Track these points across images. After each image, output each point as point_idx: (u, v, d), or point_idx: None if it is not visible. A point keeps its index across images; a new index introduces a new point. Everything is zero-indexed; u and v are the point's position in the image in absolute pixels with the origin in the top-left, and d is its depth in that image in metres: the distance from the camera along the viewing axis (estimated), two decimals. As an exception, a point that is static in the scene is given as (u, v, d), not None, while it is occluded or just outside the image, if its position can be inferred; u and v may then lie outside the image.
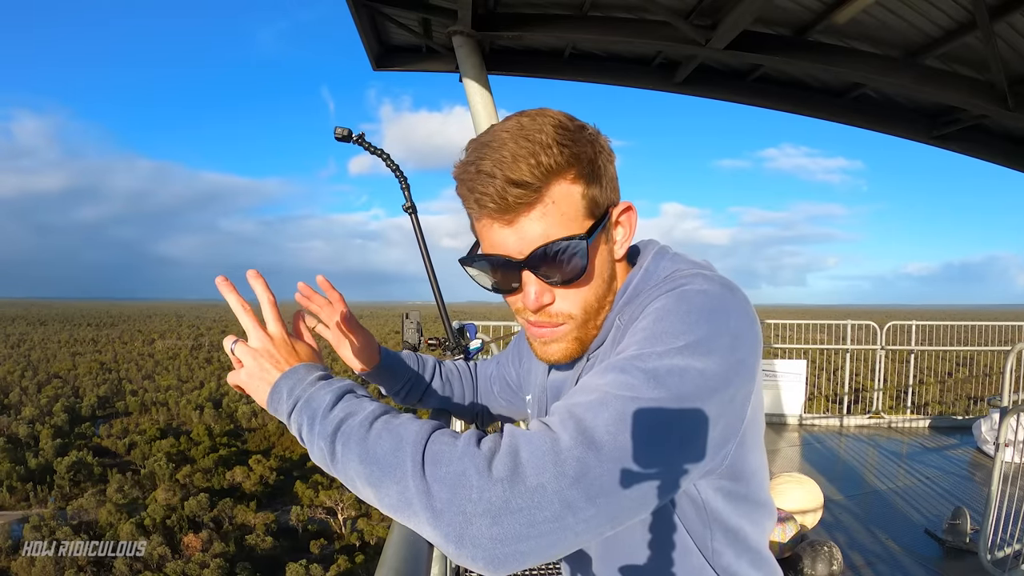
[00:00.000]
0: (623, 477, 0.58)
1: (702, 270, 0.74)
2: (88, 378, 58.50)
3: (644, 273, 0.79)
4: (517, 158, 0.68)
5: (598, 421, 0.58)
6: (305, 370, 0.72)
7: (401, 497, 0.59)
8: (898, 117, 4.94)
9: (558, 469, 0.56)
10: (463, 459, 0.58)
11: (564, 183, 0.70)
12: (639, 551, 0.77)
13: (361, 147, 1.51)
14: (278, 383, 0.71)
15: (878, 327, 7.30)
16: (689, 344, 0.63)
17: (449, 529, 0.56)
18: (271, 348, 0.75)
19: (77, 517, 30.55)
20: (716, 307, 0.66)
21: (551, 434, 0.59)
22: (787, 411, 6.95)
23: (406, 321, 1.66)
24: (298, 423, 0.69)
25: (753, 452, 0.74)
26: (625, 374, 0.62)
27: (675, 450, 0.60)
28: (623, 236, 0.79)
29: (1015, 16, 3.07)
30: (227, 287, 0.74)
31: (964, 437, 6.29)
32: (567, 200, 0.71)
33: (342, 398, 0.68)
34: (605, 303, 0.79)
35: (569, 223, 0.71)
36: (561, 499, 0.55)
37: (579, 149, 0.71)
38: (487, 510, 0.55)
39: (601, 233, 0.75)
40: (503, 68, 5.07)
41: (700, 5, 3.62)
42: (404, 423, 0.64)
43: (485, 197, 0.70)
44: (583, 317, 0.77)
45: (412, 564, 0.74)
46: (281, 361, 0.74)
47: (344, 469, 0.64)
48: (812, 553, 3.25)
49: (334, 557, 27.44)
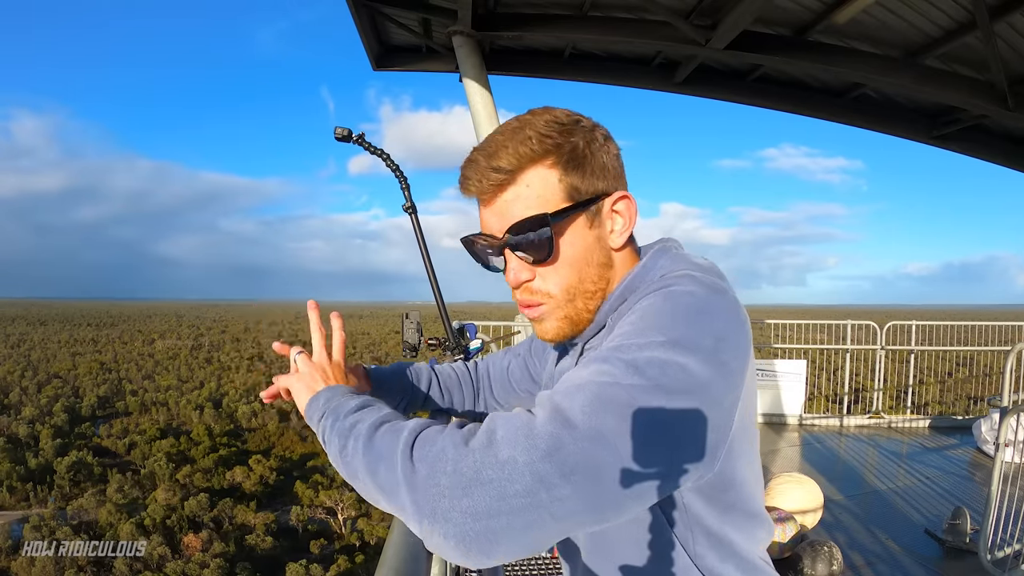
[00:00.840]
0: (599, 457, 0.56)
1: (694, 271, 0.74)
2: (88, 378, 58.49)
3: (640, 270, 0.79)
4: (499, 146, 0.75)
5: (574, 402, 0.60)
6: (345, 389, 0.83)
7: (389, 477, 0.62)
8: (898, 117, 4.94)
9: (530, 443, 0.57)
10: (444, 438, 0.61)
11: (541, 169, 0.75)
12: (627, 548, 0.78)
13: (361, 147, 1.51)
14: (320, 392, 0.82)
15: (878, 327, 7.30)
16: (671, 340, 0.63)
17: (424, 503, 0.58)
18: (327, 366, 0.90)
19: (77, 517, 30.55)
20: (701, 308, 0.67)
21: (527, 415, 0.61)
22: (787, 411, 6.95)
23: (406, 321, 1.66)
24: (323, 426, 0.76)
25: (741, 461, 0.73)
26: (606, 363, 0.63)
27: (655, 439, 0.59)
28: (622, 226, 0.80)
29: (1015, 16, 3.08)
30: (312, 308, 0.93)
31: (964, 437, 6.29)
32: (543, 184, 0.75)
33: (364, 406, 0.75)
34: (596, 288, 0.79)
35: (544, 205, 0.75)
36: (532, 471, 0.55)
37: (563, 139, 0.75)
38: (458, 481, 0.57)
39: (579, 216, 0.76)
40: (503, 68, 5.07)
41: (700, 5, 3.62)
42: (408, 421, 0.68)
43: (468, 180, 0.78)
44: (563, 297, 0.79)
45: (412, 564, 0.74)
46: (331, 377, 0.88)
47: (351, 462, 0.68)
48: (812, 553, 3.25)
49: (334, 557, 27.44)
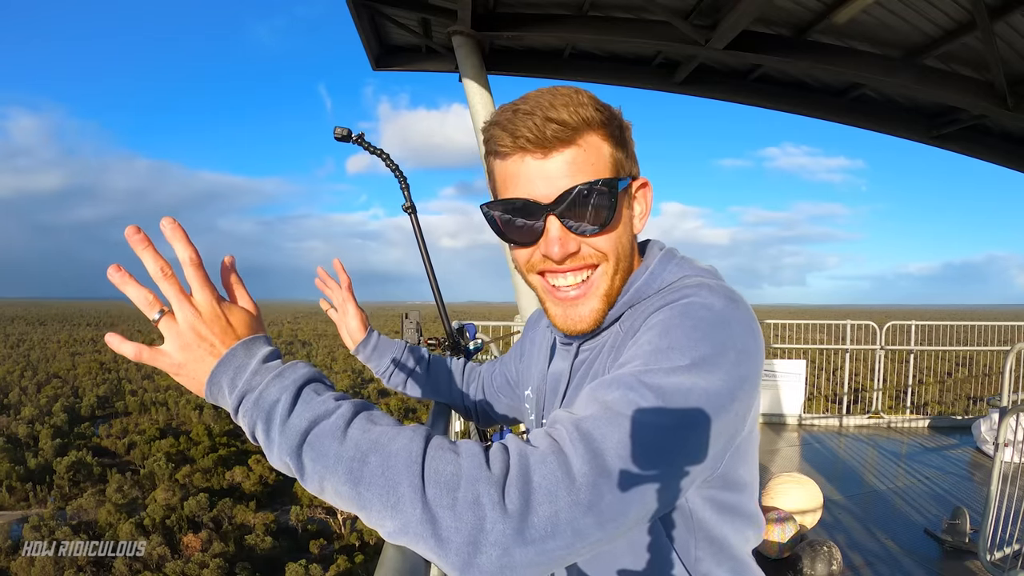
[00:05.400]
0: (632, 501, 0.58)
1: (707, 279, 0.74)
2: (87, 378, 58.43)
3: (649, 275, 0.78)
4: (557, 103, 0.71)
5: (607, 444, 0.58)
6: (244, 351, 0.62)
7: (397, 523, 0.55)
8: (898, 117, 4.94)
9: (572, 498, 0.55)
10: (474, 484, 0.54)
11: (596, 137, 0.73)
12: (620, 555, 0.77)
13: (361, 147, 1.50)
14: (215, 372, 0.61)
15: (877, 327, 7.30)
16: (695, 362, 0.62)
17: (456, 558, 0.54)
18: (200, 326, 0.62)
19: (76, 517, 30.52)
20: (721, 322, 0.66)
21: (562, 456, 0.57)
22: (787, 411, 6.95)
23: (405, 321, 1.66)
24: (250, 424, 0.60)
25: (745, 463, 0.75)
26: (632, 391, 0.61)
27: (679, 471, 0.61)
28: (640, 211, 0.81)
29: (1015, 16, 3.08)
30: (140, 241, 0.59)
31: (963, 437, 6.29)
32: (597, 152, 0.73)
33: (299, 396, 0.60)
34: (630, 266, 0.79)
35: (598, 172, 0.73)
36: (574, 528, 0.55)
37: (611, 115, 0.75)
38: (498, 541, 0.53)
39: (625, 194, 0.76)
40: (503, 68, 5.07)
41: (700, 5, 3.62)
42: (387, 432, 0.58)
43: (523, 128, 0.70)
44: (615, 261, 0.77)
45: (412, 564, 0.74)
46: (216, 343, 0.62)
47: (318, 484, 0.57)
48: (812, 553, 3.25)
49: (333, 557, 27.40)
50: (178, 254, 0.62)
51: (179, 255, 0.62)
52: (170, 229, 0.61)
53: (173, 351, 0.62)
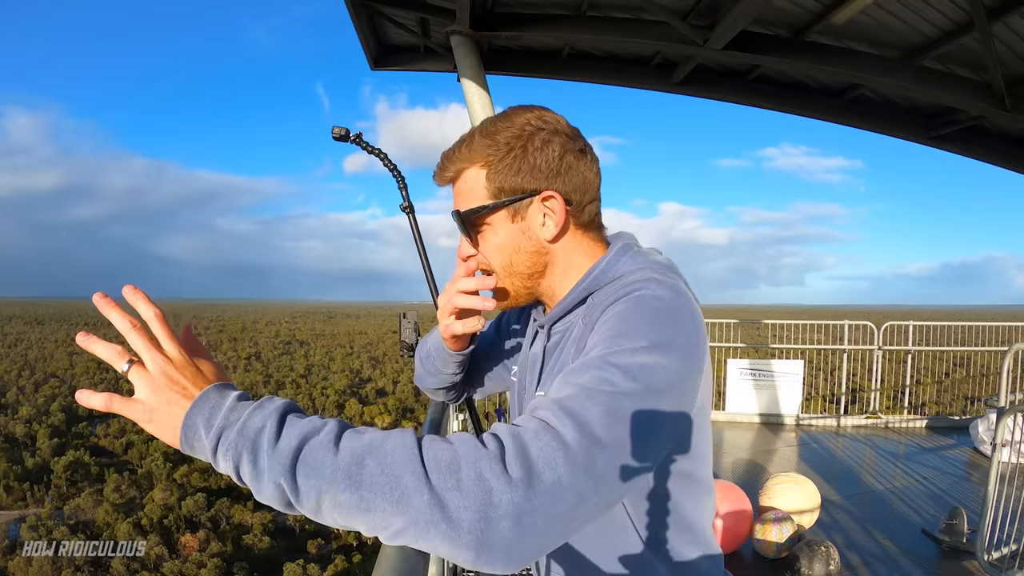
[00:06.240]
0: (620, 465, 0.64)
1: (656, 273, 0.82)
2: (85, 377, 58.28)
3: (603, 267, 0.87)
4: (452, 151, 0.88)
5: (591, 416, 0.63)
6: (217, 393, 0.63)
7: (405, 518, 0.56)
8: (896, 117, 4.95)
9: (570, 463, 0.60)
10: (476, 462, 0.57)
11: (474, 168, 0.86)
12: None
13: (359, 147, 1.50)
14: (190, 414, 0.61)
15: (875, 327, 7.31)
16: (653, 343, 0.70)
17: (470, 537, 0.55)
18: (171, 370, 0.63)
19: (74, 517, 30.46)
20: (671, 310, 0.75)
21: (552, 431, 0.62)
22: (784, 411, 6.96)
23: (403, 321, 1.66)
24: (234, 457, 0.59)
25: (699, 433, 0.83)
26: (602, 371, 0.68)
27: (657, 434, 0.68)
28: (543, 221, 0.87)
29: (1013, 17, 3.08)
30: (107, 304, 0.62)
31: (961, 437, 6.30)
32: (474, 182, 0.86)
33: (284, 421, 0.60)
34: (531, 271, 0.89)
35: (474, 200, 0.86)
36: (575, 491, 0.59)
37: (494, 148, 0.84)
38: (508, 512, 0.56)
39: (498, 212, 0.86)
40: (501, 68, 5.06)
41: (698, 5, 3.63)
42: (378, 435, 0.60)
43: (434, 176, 0.91)
44: (501, 272, 0.89)
45: (410, 564, 0.74)
46: (188, 386, 0.63)
47: (315, 501, 0.57)
48: (809, 553, 3.25)
49: (331, 557, 27.39)
50: (142, 313, 0.66)
51: (143, 314, 0.66)
52: (131, 295, 0.65)
53: (145, 396, 0.63)
